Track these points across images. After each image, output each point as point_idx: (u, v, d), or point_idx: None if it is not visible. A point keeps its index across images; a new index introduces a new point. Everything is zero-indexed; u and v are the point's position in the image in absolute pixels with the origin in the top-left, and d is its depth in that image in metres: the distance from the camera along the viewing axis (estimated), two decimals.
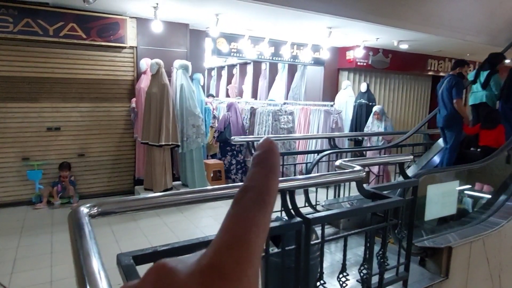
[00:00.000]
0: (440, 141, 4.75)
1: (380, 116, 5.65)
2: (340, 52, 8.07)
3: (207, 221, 4.79)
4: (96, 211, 1.42)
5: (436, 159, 4.47)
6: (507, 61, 8.69)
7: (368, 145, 6.11)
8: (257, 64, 9.42)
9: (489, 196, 3.76)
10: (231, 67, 11.11)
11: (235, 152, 6.34)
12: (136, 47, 5.60)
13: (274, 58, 7.38)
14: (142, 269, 1.30)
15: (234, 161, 6.41)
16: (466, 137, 4.50)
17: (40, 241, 3.97)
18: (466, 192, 4.03)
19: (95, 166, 5.57)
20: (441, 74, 9.49)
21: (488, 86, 4.24)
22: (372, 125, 5.90)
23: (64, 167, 5.23)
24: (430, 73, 9.28)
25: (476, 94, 4.40)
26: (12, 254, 3.63)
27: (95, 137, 5.53)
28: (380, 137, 5.76)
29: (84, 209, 1.39)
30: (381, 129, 5.74)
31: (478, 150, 4.37)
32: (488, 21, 6.39)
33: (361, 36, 6.78)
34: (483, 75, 4.33)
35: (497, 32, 6.56)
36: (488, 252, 2.92)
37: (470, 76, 4.57)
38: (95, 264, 1.03)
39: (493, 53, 4.51)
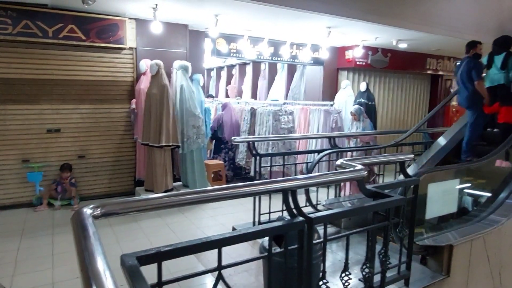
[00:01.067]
0: (440, 139, 4.77)
1: (357, 116, 5.38)
2: (339, 51, 8.08)
3: (208, 221, 4.79)
4: (99, 212, 1.42)
5: (436, 158, 4.47)
6: None
7: (347, 146, 6.01)
8: (256, 64, 9.43)
9: (489, 194, 3.77)
10: (230, 67, 11.12)
11: (227, 150, 6.69)
12: (135, 48, 5.60)
13: (273, 58, 7.39)
14: (146, 270, 1.31)
15: (226, 158, 6.68)
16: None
17: (41, 243, 3.97)
18: (466, 190, 4.05)
19: (95, 168, 5.57)
20: (440, 73, 9.52)
21: (506, 67, 4.44)
22: (352, 126, 5.71)
23: (65, 168, 5.23)
24: (429, 72, 9.29)
25: (493, 77, 4.58)
26: (13, 256, 3.63)
27: (95, 138, 5.53)
28: (359, 139, 5.44)
29: (87, 210, 1.39)
30: (359, 130, 5.38)
31: (495, 130, 4.64)
32: (487, 19, 6.40)
33: (360, 36, 6.79)
34: (498, 58, 4.53)
35: (496, 31, 6.56)
36: (488, 250, 2.93)
37: (484, 61, 4.72)
38: (101, 265, 1.03)
39: (506, 36, 4.75)
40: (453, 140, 4.67)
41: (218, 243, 1.57)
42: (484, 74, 4.68)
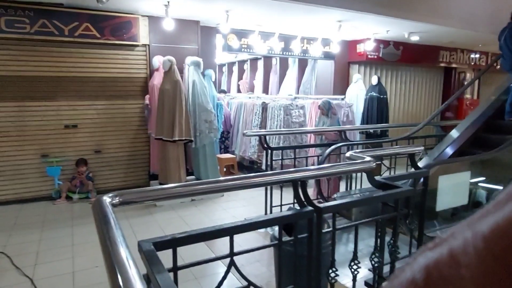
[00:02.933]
0: (453, 132, 4.75)
1: (325, 111, 5.03)
2: (350, 45, 8.04)
3: (221, 214, 4.88)
4: (118, 200, 1.50)
5: (449, 150, 4.46)
6: None
7: (312, 142, 5.77)
8: (267, 59, 9.46)
9: (502, 187, 3.75)
10: (241, 62, 11.17)
11: (223, 139, 7.24)
12: (148, 45, 5.70)
13: (284, 53, 7.41)
14: (162, 255, 1.39)
15: (222, 147, 7.19)
16: None
17: (61, 234, 4.12)
18: (479, 183, 4.03)
19: (111, 162, 5.72)
20: (454, 65, 9.38)
21: None
22: (319, 121, 5.28)
23: (81, 163, 5.38)
24: (442, 64, 9.17)
25: None
26: (35, 247, 3.78)
27: (110, 133, 5.67)
28: (324, 136, 5.12)
29: (106, 199, 1.48)
30: (325, 126, 5.01)
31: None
32: (499, 11, 6.27)
33: (371, 29, 6.75)
34: None
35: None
36: None
37: None
38: (123, 252, 1.06)
39: None
40: (466, 132, 4.63)
41: (230, 231, 1.64)
42: None
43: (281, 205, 4.09)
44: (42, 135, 5.28)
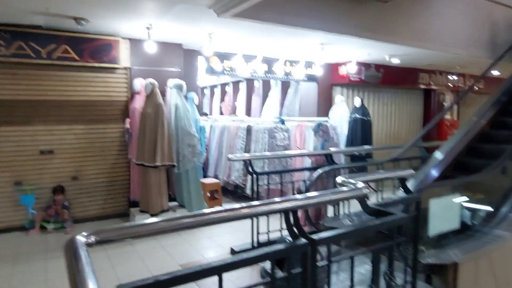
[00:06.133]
0: (437, 153, 4.76)
1: (314, 133, 5.15)
2: (333, 67, 8.14)
3: (206, 242, 4.68)
4: (94, 239, 1.35)
5: (435, 173, 4.45)
6: (495, 72, 8.88)
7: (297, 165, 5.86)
8: (250, 81, 9.47)
9: (490, 209, 3.73)
10: (224, 85, 11.16)
11: None
12: (129, 68, 5.59)
13: (267, 76, 7.42)
14: None
15: None
16: None
17: (34, 268, 3.84)
18: (466, 205, 4.00)
19: (89, 189, 5.46)
20: (433, 87, 9.62)
21: None
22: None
23: (58, 191, 5.12)
24: (422, 86, 9.38)
25: None
26: (6, 283, 3.50)
27: (89, 159, 5.44)
28: (314, 159, 5.14)
29: (81, 238, 1.32)
30: (319, 147, 5.09)
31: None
32: (477, 34, 6.51)
33: (353, 52, 6.85)
34: None
35: (486, 45, 6.68)
36: (494, 266, 2.87)
37: None
38: None
39: None
40: (450, 154, 4.65)
41: (218, 269, 1.50)
42: None
43: (268, 232, 3.94)
44: (16, 162, 5.02)
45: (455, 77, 9.92)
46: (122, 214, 5.60)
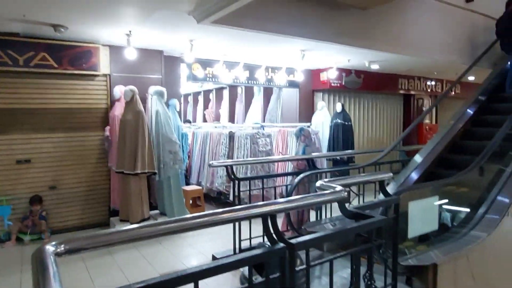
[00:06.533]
0: (416, 157, 4.84)
1: (296, 138, 5.13)
2: (314, 74, 8.23)
3: (188, 250, 4.61)
4: (63, 249, 1.30)
5: (414, 175, 4.52)
6: (471, 78, 9.17)
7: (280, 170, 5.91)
8: (233, 88, 9.48)
9: (468, 210, 3.80)
10: (207, 92, 11.14)
11: None
12: (109, 75, 5.51)
13: (249, 82, 7.44)
14: None
15: None
16: None
17: (9, 281, 3.70)
18: (445, 206, 4.07)
19: (68, 199, 5.32)
20: (412, 92, 9.83)
21: None
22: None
23: (35, 201, 4.97)
24: (401, 91, 9.56)
25: None
26: None
27: (68, 168, 5.32)
28: (296, 163, 5.09)
29: (49, 248, 1.28)
30: (300, 152, 5.10)
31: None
32: (453, 40, 6.69)
33: (333, 58, 6.95)
34: None
35: (462, 51, 6.87)
36: (472, 267, 2.91)
37: None
38: None
39: None
40: (429, 157, 4.74)
41: (194, 276, 1.47)
42: None
43: (250, 239, 3.92)
44: None
45: (433, 83, 10.16)
46: (102, 224, 5.47)
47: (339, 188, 2.08)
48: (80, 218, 5.42)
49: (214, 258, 4.25)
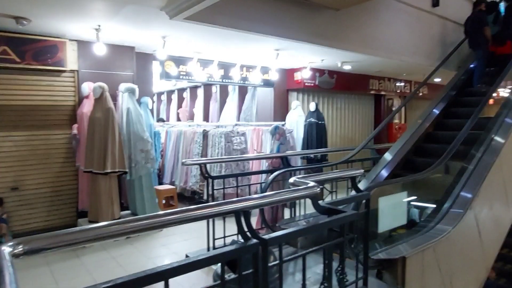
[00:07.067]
0: (386, 155, 4.96)
1: (271, 136, 5.18)
2: (288, 73, 8.28)
3: (160, 251, 4.51)
4: (21, 249, 1.23)
5: (384, 172, 4.63)
6: (437, 79, 9.58)
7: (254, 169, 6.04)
8: (207, 87, 9.39)
9: (434, 205, 3.94)
10: (181, 90, 10.98)
11: None
12: (77, 71, 5.31)
13: (224, 81, 7.39)
14: None
15: None
16: None
17: None
18: (413, 202, 4.20)
19: (31, 200, 5.08)
20: (382, 93, 10.09)
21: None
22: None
23: None
24: (372, 92, 9.80)
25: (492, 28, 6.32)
26: None
27: (31, 168, 5.07)
28: (270, 161, 5.12)
29: (5, 249, 1.19)
30: (274, 150, 5.14)
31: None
32: (421, 43, 6.93)
33: (307, 58, 7.02)
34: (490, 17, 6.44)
35: (429, 53, 7.12)
36: (439, 259, 3.01)
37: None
38: None
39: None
40: (399, 154, 4.88)
41: (164, 274, 1.43)
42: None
43: (224, 237, 3.88)
44: None
45: (402, 84, 10.48)
46: (70, 226, 5.25)
47: (312, 184, 2.09)
48: (45, 220, 5.18)
49: (187, 257, 4.18)
